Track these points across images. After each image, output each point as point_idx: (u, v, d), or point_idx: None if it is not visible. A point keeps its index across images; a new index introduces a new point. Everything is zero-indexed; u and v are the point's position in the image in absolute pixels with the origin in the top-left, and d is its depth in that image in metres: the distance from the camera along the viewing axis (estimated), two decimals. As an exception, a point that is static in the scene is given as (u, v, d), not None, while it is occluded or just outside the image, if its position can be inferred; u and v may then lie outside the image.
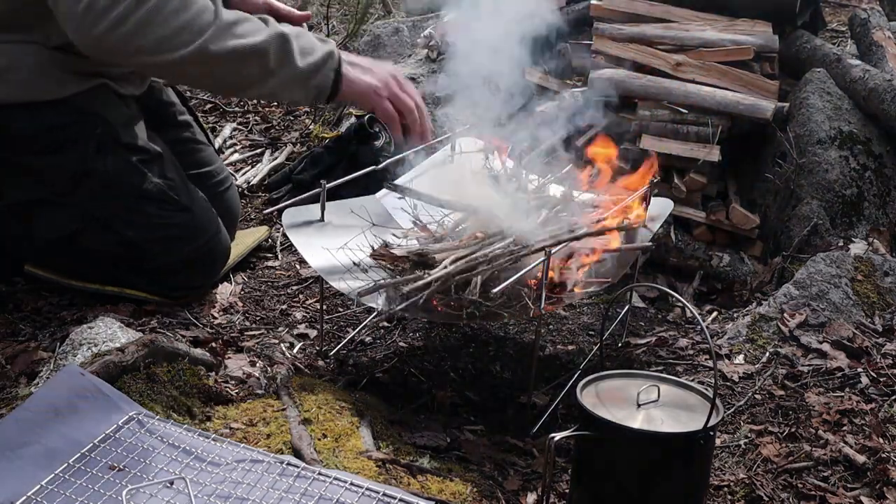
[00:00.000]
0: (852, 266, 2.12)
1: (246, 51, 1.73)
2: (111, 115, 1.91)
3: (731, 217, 2.57)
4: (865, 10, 3.37)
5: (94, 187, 1.88)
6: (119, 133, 1.91)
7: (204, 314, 2.02)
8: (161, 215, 1.94)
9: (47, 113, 1.84)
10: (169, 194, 1.95)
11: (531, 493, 1.52)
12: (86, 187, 1.88)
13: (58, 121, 1.85)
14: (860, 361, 1.85)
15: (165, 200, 1.94)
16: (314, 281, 2.23)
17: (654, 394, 1.34)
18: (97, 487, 1.27)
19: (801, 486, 1.50)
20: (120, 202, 1.91)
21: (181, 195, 1.97)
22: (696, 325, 2.16)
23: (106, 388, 1.45)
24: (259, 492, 1.28)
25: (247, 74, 1.78)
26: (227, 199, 2.27)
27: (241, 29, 1.74)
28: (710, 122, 2.59)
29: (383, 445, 1.53)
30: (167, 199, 1.95)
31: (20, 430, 1.35)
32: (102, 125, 1.88)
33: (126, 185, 1.91)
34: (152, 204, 1.93)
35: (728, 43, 2.82)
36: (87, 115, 1.87)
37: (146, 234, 1.93)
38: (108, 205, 1.90)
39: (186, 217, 1.97)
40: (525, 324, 2.12)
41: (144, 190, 1.92)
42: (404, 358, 1.96)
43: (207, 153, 2.27)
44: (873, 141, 2.66)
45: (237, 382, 1.69)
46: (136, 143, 1.94)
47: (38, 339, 1.83)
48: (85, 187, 1.88)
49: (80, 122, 1.87)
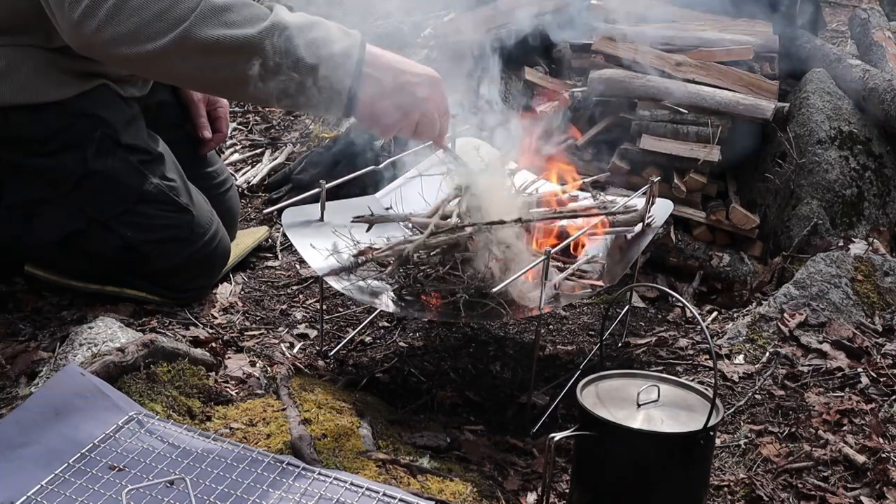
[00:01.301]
0: (852, 266, 2.12)
1: (235, 43, 1.53)
2: (112, 117, 1.90)
3: (731, 217, 2.57)
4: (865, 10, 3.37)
5: (95, 188, 1.88)
6: (119, 134, 1.90)
7: (204, 314, 2.02)
8: (161, 216, 1.94)
9: (48, 115, 1.84)
10: (169, 195, 1.95)
11: (531, 493, 1.52)
12: (86, 188, 1.88)
13: (58, 122, 1.84)
14: (860, 361, 1.85)
15: (165, 202, 1.94)
16: (314, 281, 2.23)
17: (654, 394, 1.34)
18: (97, 487, 1.27)
19: (801, 486, 1.50)
20: (120, 203, 1.91)
21: (181, 196, 1.97)
22: (696, 325, 2.16)
23: (106, 388, 1.46)
24: (259, 492, 1.29)
25: (239, 72, 1.55)
26: (227, 199, 2.27)
27: (232, 16, 1.53)
28: (710, 122, 2.59)
29: (383, 445, 1.53)
30: (167, 201, 1.94)
31: (20, 430, 1.35)
32: (103, 127, 1.88)
33: (126, 186, 1.91)
34: (152, 205, 1.93)
35: (728, 43, 2.82)
36: (88, 117, 1.87)
37: (146, 235, 1.93)
38: (108, 206, 1.90)
39: (186, 218, 1.97)
40: (525, 324, 2.12)
41: (145, 191, 1.92)
42: (404, 358, 1.96)
43: (208, 153, 2.28)
44: (873, 141, 2.66)
45: (237, 382, 1.69)
46: (136, 144, 1.93)
47: (38, 339, 1.83)
48: (85, 188, 1.88)
49: (81, 123, 1.86)
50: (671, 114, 2.63)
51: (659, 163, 2.61)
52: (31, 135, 1.84)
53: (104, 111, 1.90)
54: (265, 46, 1.53)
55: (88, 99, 1.88)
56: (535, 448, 1.67)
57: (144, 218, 1.93)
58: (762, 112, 2.60)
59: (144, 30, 1.53)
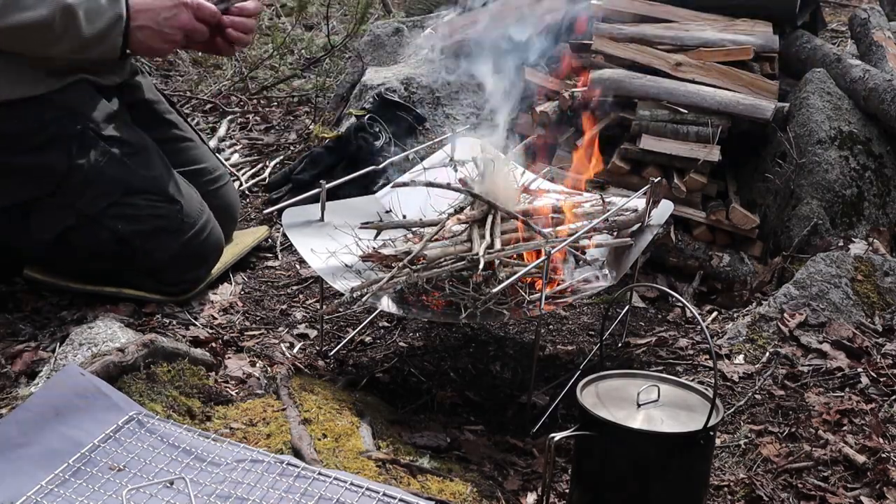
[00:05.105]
0: (852, 266, 2.12)
1: (30, 23, 1.78)
2: (92, 111, 1.92)
3: (731, 217, 2.57)
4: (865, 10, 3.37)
5: (81, 183, 1.89)
6: (100, 127, 1.92)
7: (204, 314, 2.02)
8: (149, 207, 1.94)
9: (27, 112, 1.85)
10: (156, 186, 1.95)
11: (531, 493, 1.52)
12: (73, 183, 1.89)
13: (38, 119, 1.86)
14: (860, 361, 1.85)
15: (152, 192, 1.95)
16: (314, 281, 2.23)
17: (654, 394, 1.34)
18: (97, 487, 1.27)
19: (801, 486, 1.50)
20: (107, 196, 1.91)
21: (168, 186, 1.97)
22: (696, 325, 2.16)
23: (106, 388, 1.46)
24: (259, 492, 1.29)
25: (34, 42, 1.83)
26: (221, 195, 2.26)
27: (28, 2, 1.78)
28: (710, 122, 2.59)
29: (383, 445, 1.53)
30: (154, 191, 1.95)
31: (20, 430, 1.35)
32: (83, 121, 1.89)
33: (112, 178, 1.91)
34: (140, 196, 1.94)
35: (728, 43, 2.82)
36: (68, 112, 1.89)
37: (136, 226, 1.93)
38: (96, 200, 1.91)
39: (175, 209, 1.97)
40: (525, 324, 2.12)
41: (130, 183, 1.92)
42: (404, 358, 1.96)
43: (197, 151, 2.26)
44: (873, 141, 2.66)
45: (237, 382, 1.69)
46: (118, 136, 1.94)
47: (38, 339, 1.83)
48: (72, 183, 1.89)
49: (61, 119, 1.88)
50: (671, 114, 2.63)
51: (659, 163, 2.61)
52: (11, 132, 1.85)
53: (83, 105, 1.91)
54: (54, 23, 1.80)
55: (67, 94, 1.89)
56: (535, 448, 1.67)
57: (133, 209, 1.93)
58: (762, 112, 2.60)
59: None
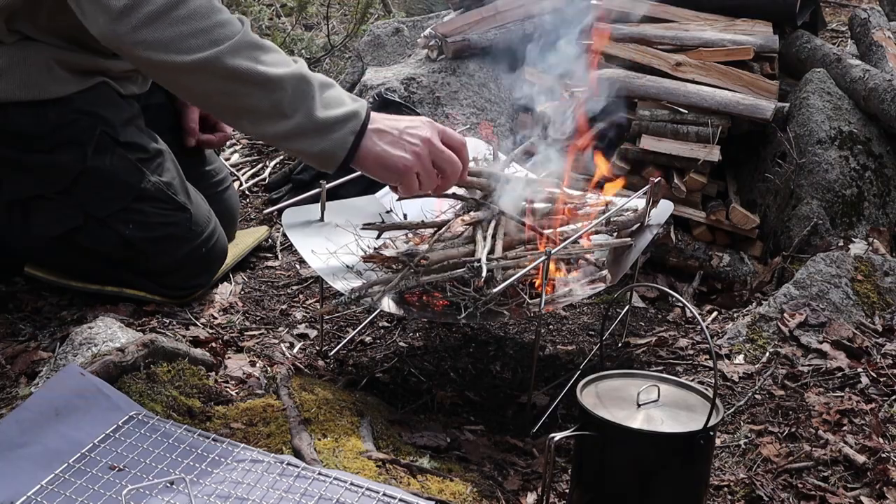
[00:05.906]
0: (852, 266, 2.12)
1: (260, 77, 1.58)
2: (111, 115, 1.91)
3: (731, 217, 2.57)
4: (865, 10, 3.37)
5: (93, 186, 1.89)
6: (118, 132, 1.91)
7: (204, 314, 2.02)
8: (159, 214, 1.94)
9: (48, 112, 1.84)
10: (167, 193, 1.95)
11: (531, 493, 1.52)
12: (84, 185, 1.88)
13: (58, 120, 1.85)
14: (860, 361, 1.85)
15: (163, 199, 1.95)
16: (314, 281, 2.23)
17: (654, 394, 1.34)
18: (97, 487, 1.27)
19: (801, 486, 1.50)
20: (118, 201, 1.91)
21: (179, 195, 1.97)
22: (696, 325, 2.16)
23: (106, 388, 1.46)
24: (259, 492, 1.29)
25: (254, 105, 1.60)
26: (225, 198, 2.27)
27: (264, 56, 1.60)
28: (710, 122, 2.59)
29: (383, 445, 1.53)
30: (165, 199, 1.95)
31: (20, 430, 1.35)
32: (102, 124, 1.89)
33: (124, 183, 1.91)
34: (150, 203, 1.93)
35: (728, 43, 2.82)
36: (88, 115, 1.88)
37: (144, 232, 1.93)
38: (106, 203, 1.91)
39: (184, 216, 1.97)
40: (525, 324, 2.12)
41: (143, 189, 1.92)
42: (404, 358, 1.96)
43: (206, 152, 2.28)
44: (873, 141, 2.66)
45: (237, 382, 1.69)
46: (135, 142, 1.94)
47: (38, 339, 1.83)
48: (83, 185, 1.88)
49: (81, 121, 1.87)
50: (671, 114, 2.63)
51: (659, 163, 2.61)
52: (31, 131, 1.85)
53: (104, 109, 1.90)
54: (286, 89, 1.59)
55: (88, 96, 1.88)
56: (535, 448, 1.67)
57: (142, 215, 1.93)
58: (762, 112, 2.60)
59: (181, 42, 1.57)
